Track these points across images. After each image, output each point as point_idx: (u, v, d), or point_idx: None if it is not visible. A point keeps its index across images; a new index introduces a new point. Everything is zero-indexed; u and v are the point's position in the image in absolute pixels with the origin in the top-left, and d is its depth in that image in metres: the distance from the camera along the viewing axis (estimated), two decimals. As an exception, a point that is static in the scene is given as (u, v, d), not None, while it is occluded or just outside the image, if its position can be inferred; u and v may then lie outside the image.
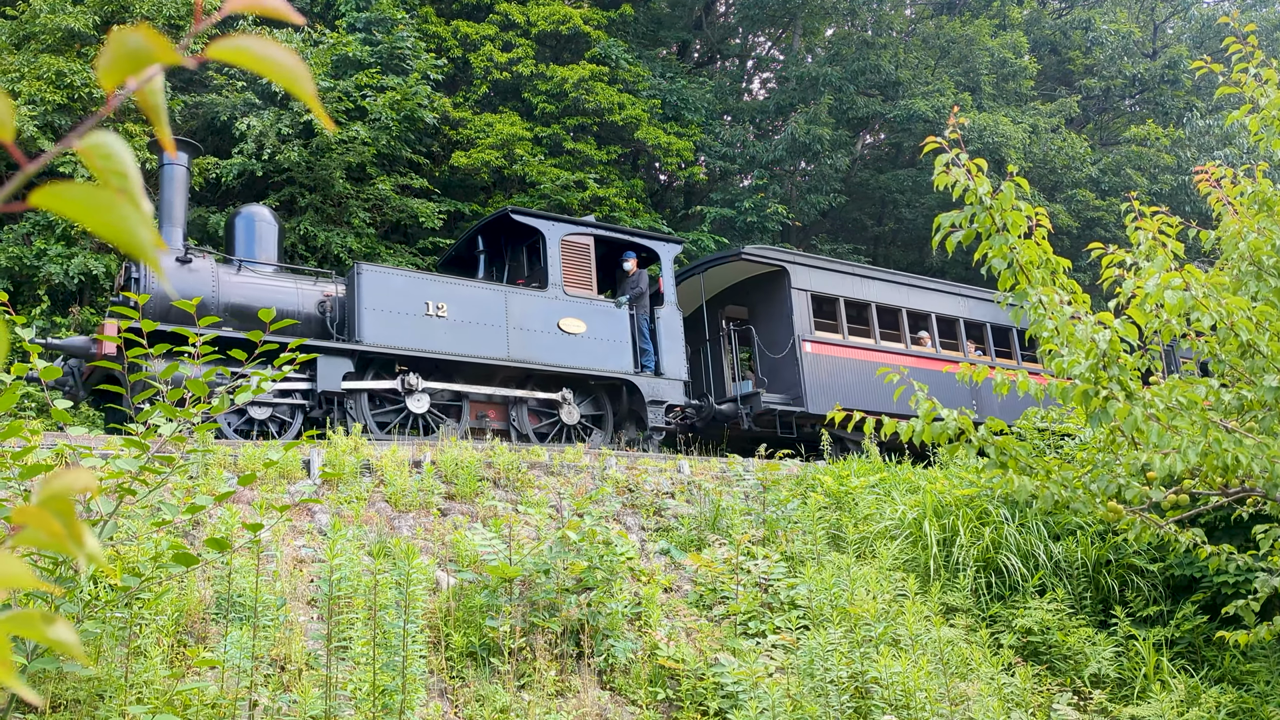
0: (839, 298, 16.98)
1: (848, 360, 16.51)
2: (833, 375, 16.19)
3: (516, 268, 15.10)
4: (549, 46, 25.45)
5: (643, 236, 15.59)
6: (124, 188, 0.65)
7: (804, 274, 16.67)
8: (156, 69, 0.65)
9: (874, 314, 17.32)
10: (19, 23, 18.75)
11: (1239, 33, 6.21)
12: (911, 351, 17.52)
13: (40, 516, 0.66)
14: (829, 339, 16.52)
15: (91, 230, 0.66)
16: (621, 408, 14.40)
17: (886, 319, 18.00)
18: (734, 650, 7.32)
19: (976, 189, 5.11)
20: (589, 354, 13.93)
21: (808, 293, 16.54)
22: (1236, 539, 7.80)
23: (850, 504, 10.20)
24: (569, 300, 14.09)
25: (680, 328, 15.17)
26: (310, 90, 0.70)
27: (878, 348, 17.03)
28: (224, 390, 4.17)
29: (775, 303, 16.76)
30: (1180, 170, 28.40)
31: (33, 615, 0.65)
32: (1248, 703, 7.21)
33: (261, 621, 6.06)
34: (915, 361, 17.28)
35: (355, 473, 8.93)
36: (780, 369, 16.29)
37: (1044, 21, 33.32)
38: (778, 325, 16.62)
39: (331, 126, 0.72)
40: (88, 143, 0.66)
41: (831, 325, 17.04)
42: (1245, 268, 5.71)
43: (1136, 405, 4.79)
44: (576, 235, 14.61)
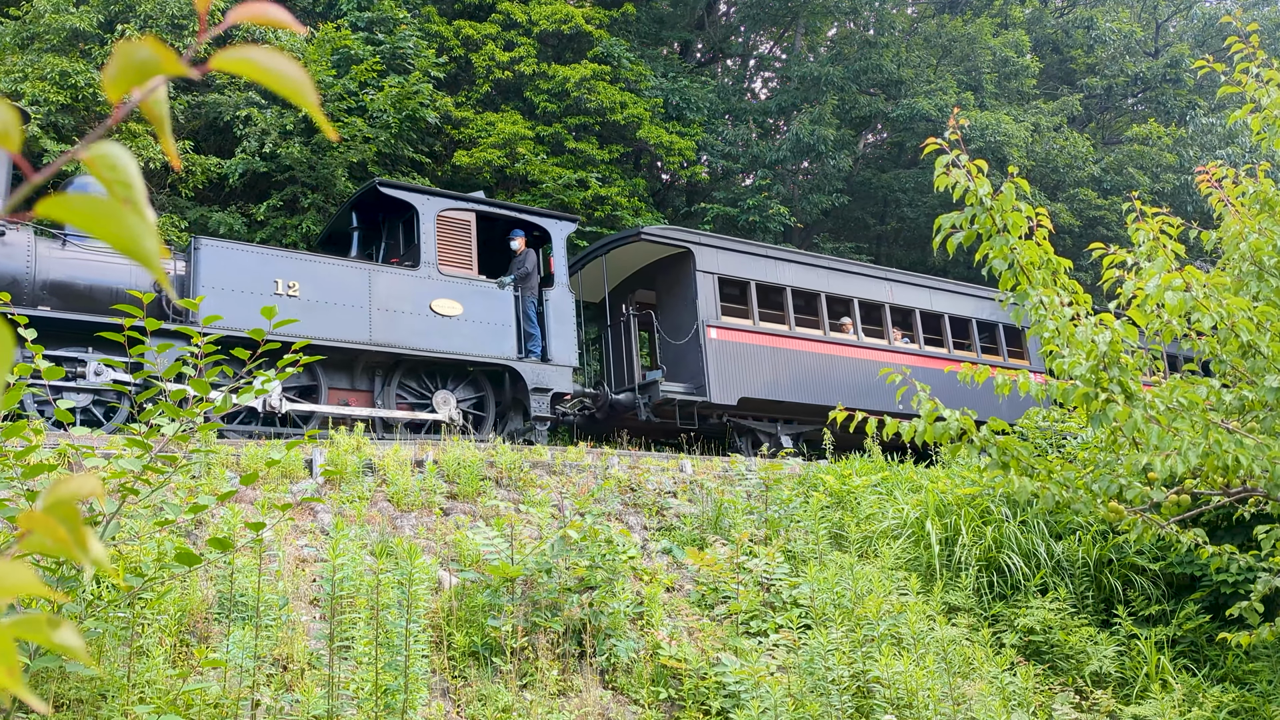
0: (749, 281, 16.14)
1: (758, 348, 15.71)
2: (741, 363, 15.41)
3: (393, 246, 14.16)
4: (551, 46, 25.45)
5: (531, 214, 14.71)
6: (129, 197, 0.66)
7: (710, 255, 15.87)
8: (161, 80, 0.66)
9: (789, 299, 16.49)
10: (22, 23, 18.77)
11: (1241, 32, 6.21)
12: (831, 339, 16.82)
13: (46, 523, 0.67)
14: (737, 325, 15.73)
15: (99, 239, 0.67)
16: (506, 396, 13.65)
17: (803, 304, 17.23)
18: (736, 650, 7.33)
19: (977, 190, 5.11)
20: (465, 338, 13.03)
21: (714, 275, 15.73)
22: (1238, 539, 7.80)
23: (852, 503, 10.20)
24: (444, 280, 13.16)
25: (572, 311, 14.32)
26: (313, 100, 0.71)
27: (792, 334, 16.24)
28: (226, 390, 4.17)
29: (680, 286, 15.99)
30: (1182, 169, 28.38)
31: (38, 619, 0.65)
32: (1250, 702, 7.22)
33: (264, 621, 6.07)
34: (835, 349, 16.65)
35: (357, 472, 8.95)
36: (684, 356, 15.54)
37: (1046, 20, 33.30)
38: (682, 310, 15.83)
39: (333, 134, 0.73)
40: (94, 153, 0.67)
41: (742, 310, 16.23)
42: (1246, 268, 5.71)
43: (1137, 407, 4.79)
44: (455, 211, 13.71)
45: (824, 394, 15.84)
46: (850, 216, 30.39)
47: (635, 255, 16.41)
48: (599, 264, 16.44)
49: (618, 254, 16.33)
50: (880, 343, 17.39)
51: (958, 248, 5.35)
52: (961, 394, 16.92)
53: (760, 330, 15.86)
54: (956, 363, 17.58)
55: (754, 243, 17.37)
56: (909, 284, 18.36)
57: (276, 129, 19.57)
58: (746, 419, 15.55)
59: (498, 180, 22.93)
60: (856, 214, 30.33)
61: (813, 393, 15.89)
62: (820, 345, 16.40)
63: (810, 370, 16.05)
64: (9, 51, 18.35)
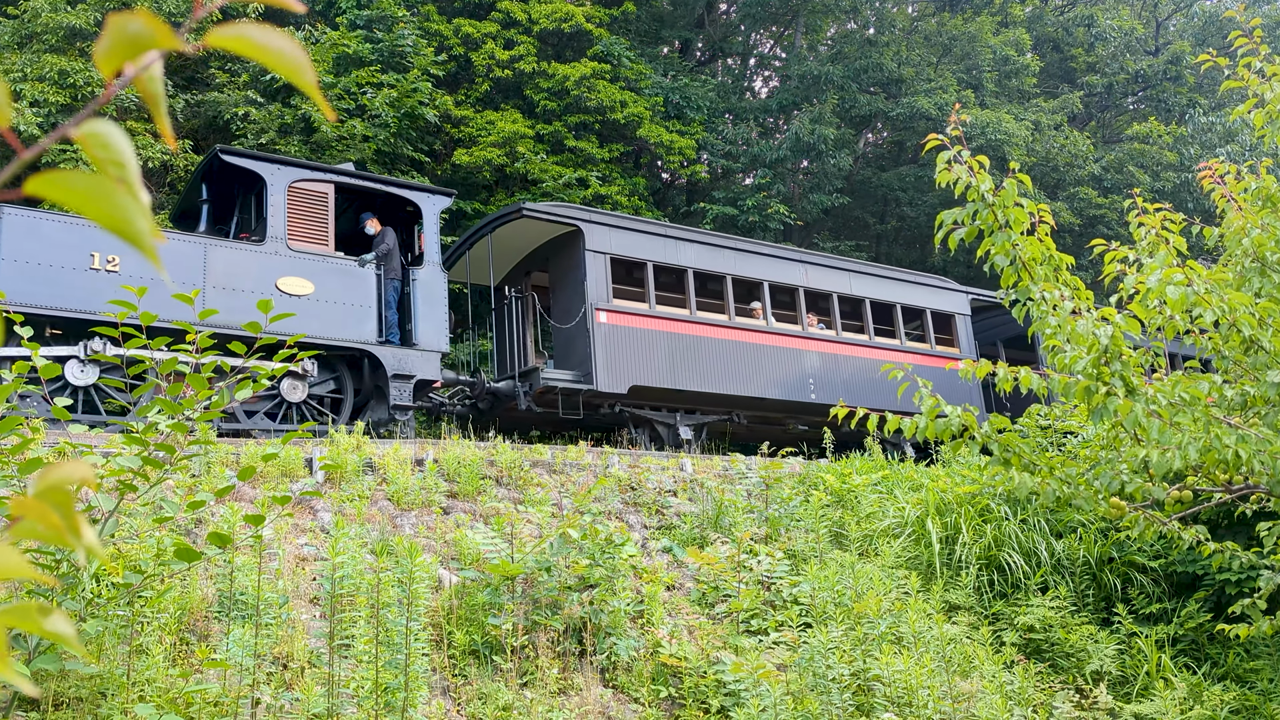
0: (647, 262, 15.13)
1: (654, 333, 14.72)
2: (633, 349, 14.45)
3: (245, 220, 13.04)
4: (551, 44, 25.44)
5: (400, 186, 13.64)
6: (122, 177, 0.65)
7: (601, 234, 14.83)
8: (155, 56, 0.64)
9: (690, 281, 15.48)
10: (20, 22, 18.76)
11: (1245, 28, 6.20)
12: (737, 324, 15.77)
13: (38, 508, 0.65)
14: (631, 308, 14.71)
15: (89, 218, 0.66)
16: (366, 384, 12.66)
17: (707, 287, 16.33)
18: (736, 648, 7.32)
19: (978, 186, 5.10)
20: (317, 319, 11.90)
21: (606, 256, 14.71)
22: (1239, 536, 7.79)
23: (852, 502, 10.20)
24: (293, 256, 12.06)
25: (443, 292, 13.26)
26: (311, 80, 0.70)
27: (693, 319, 15.24)
28: (223, 386, 4.16)
29: (570, 268, 15.02)
30: (1183, 168, 28.37)
31: (29, 607, 0.64)
32: (1251, 700, 7.21)
33: (264, 620, 6.06)
34: (742, 335, 15.71)
35: (357, 471, 8.94)
36: (572, 342, 14.63)
37: (1046, 18, 33.29)
38: (572, 293, 14.88)
39: (331, 115, 0.71)
40: (86, 131, 0.65)
41: (638, 294, 15.29)
42: (1249, 264, 5.70)
43: (1138, 401, 4.78)
44: (310, 182, 12.56)
45: (729, 382, 15.18)
46: (850, 216, 30.38)
47: (527, 235, 15.48)
48: (485, 244, 15.49)
49: (507, 234, 15.38)
50: (793, 329, 16.41)
51: (959, 245, 5.34)
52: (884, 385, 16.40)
53: (657, 314, 14.88)
54: (878, 350, 16.74)
55: (651, 221, 16.24)
56: (826, 267, 17.42)
57: (275, 127, 19.56)
58: (643, 409, 14.70)
59: (498, 179, 22.93)
60: (857, 213, 30.32)
61: (717, 381, 15.09)
62: (725, 331, 15.49)
63: (714, 357, 15.22)
64: (8, 51, 18.34)
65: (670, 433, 14.73)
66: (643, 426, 14.74)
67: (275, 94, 20.53)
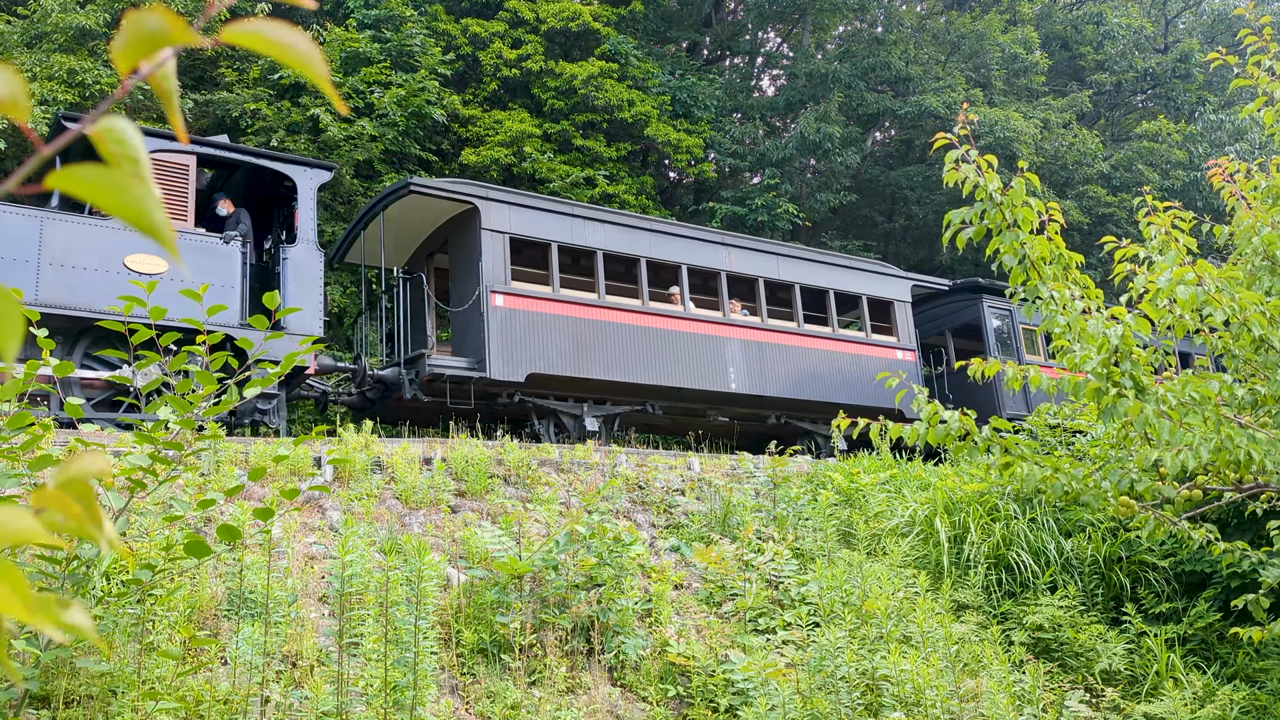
0: (551, 243, 14.21)
1: (557, 318, 13.84)
2: (533, 335, 13.58)
3: None
4: (558, 43, 25.45)
5: (272, 159, 12.66)
6: (136, 172, 0.66)
7: (500, 212, 13.89)
8: (170, 53, 0.65)
9: (600, 264, 14.56)
10: (30, 22, 18.83)
11: (1254, 25, 6.18)
12: (651, 310, 14.83)
13: (59, 499, 0.66)
14: (532, 291, 13.83)
15: (108, 211, 0.66)
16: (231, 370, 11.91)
17: (620, 271, 15.55)
18: (744, 647, 7.32)
19: (987, 185, 5.09)
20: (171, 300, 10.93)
21: (505, 235, 13.80)
22: (1248, 535, 7.77)
23: (860, 501, 10.18)
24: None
25: (318, 273, 12.29)
26: (324, 74, 0.70)
27: (602, 304, 14.33)
28: (232, 383, 4.17)
29: (467, 248, 14.16)
30: (1192, 166, 28.30)
31: (48, 599, 0.64)
32: (1261, 700, 7.18)
33: (273, 618, 6.08)
34: (657, 322, 14.79)
35: (366, 470, 8.95)
36: (467, 327, 13.77)
37: (1055, 16, 33.22)
38: (468, 275, 13.97)
39: (345, 109, 0.71)
40: (101, 126, 0.66)
41: (541, 276, 14.45)
42: (1259, 262, 5.69)
43: (1149, 402, 4.77)
44: (169, 153, 11.56)
45: (642, 371, 14.36)
46: (858, 214, 30.35)
47: (425, 214, 14.58)
48: (378, 224, 14.49)
49: (401, 214, 14.48)
50: (713, 315, 15.50)
51: (967, 244, 5.33)
52: (811, 375, 15.84)
53: (561, 298, 13.99)
54: (807, 338, 16.12)
55: (558, 199, 15.25)
56: (751, 250, 16.47)
57: (283, 126, 19.60)
58: (547, 398, 13.93)
59: (505, 178, 22.95)
60: (865, 212, 30.29)
61: (628, 370, 14.24)
62: (638, 317, 14.58)
63: (625, 345, 14.35)
64: (17, 51, 18.40)
65: (575, 424, 13.99)
66: (546, 418, 14.01)
67: (284, 93, 20.58)
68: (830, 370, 16.25)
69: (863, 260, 18.42)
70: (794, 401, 15.82)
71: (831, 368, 16.30)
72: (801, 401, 15.87)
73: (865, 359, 16.73)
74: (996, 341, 18.44)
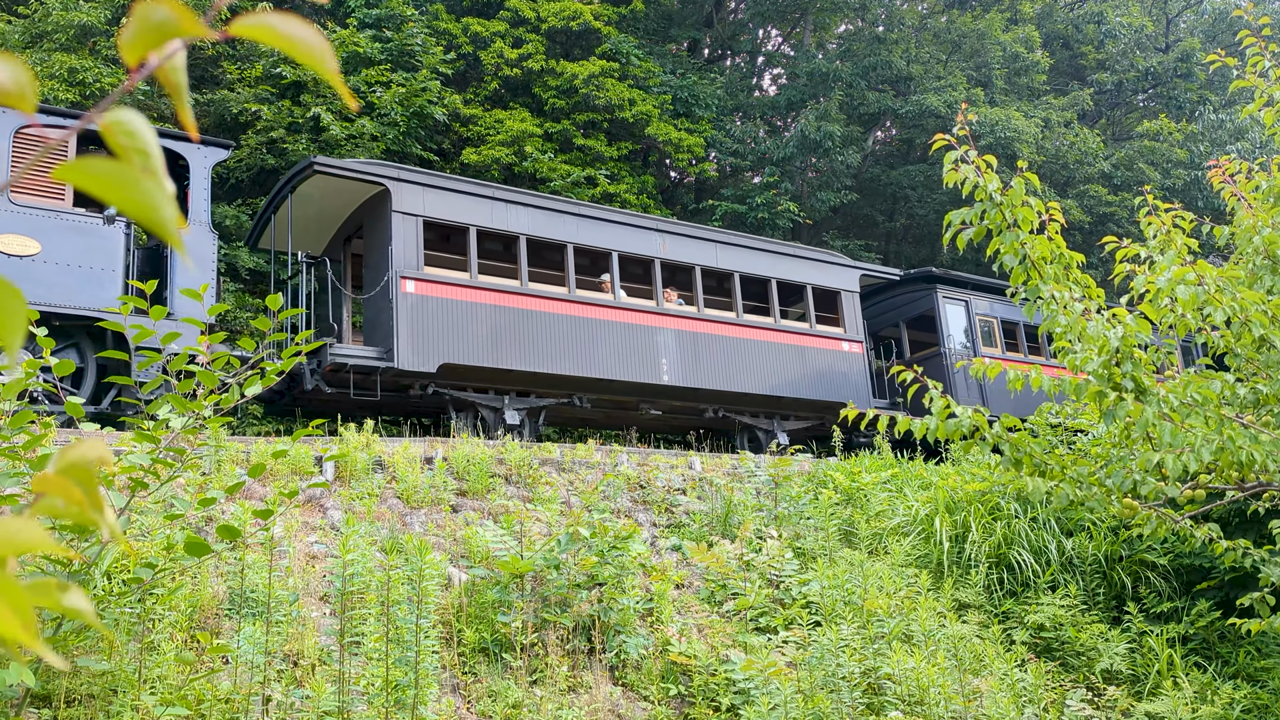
0: (469, 227, 13.58)
1: (475, 305, 13.19)
2: (446, 323, 12.94)
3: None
4: (559, 43, 25.45)
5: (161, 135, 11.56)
6: (146, 166, 0.65)
7: (413, 194, 13.23)
8: (179, 45, 0.64)
9: (523, 249, 13.93)
10: (31, 21, 18.83)
11: (1253, 26, 6.17)
12: (579, 298, 14.17)
13: (61, 484, 0.65)
14: (447, 277, 13.16)
15: (116, 206, 0.66)
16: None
17: (544, 257, 14.90)
18: (746, 646, 7.32)
19: (986, 186, 5.09)
20: (43, 284, 10.44)
21: (418, 219, 13.16)
22: (1251, 533, 7.77)
23: (862, 500, 10.18)
24: (14, 211, 10.52)
25: (212, 256, 11.66)
26: (333, 67, 0.70)
27: (525, 291, 13.69)
28: (234, 381, 4.17)
29: (379, 232, 13.48)
30: (1193, 165, 28.29)
31: (48, 584, 0.64)
32: (1262, 699, 7.18)
33: (274, 617, 6.08)
34: (585, 310, 14.17)
35: (367, 469, 8.95)
36: (379, 315, 13.09)
37: (1056, 15, 33.21)
38: (380, 260, 13.28)
39: (354, 103, 0.71)
40: (110, 119, 0.65)
41: (458, 262, 13.81)
42: (1260, 262, 5.68)
43: (1150, 404, 4.76)
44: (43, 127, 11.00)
45: (569, 362, 13.82)
46: (859, 214, 30.34)
47: (339, 197, 13.89)
48: (286, 207, 13.86)
49: (312, 197, 13.81)
50: (645, 304, 14.87)
51: (968, 244, 5.33)
52: (749, 367, 15.30)
53: (480, 285, 13.33)
54: (746, 329, 15.56)
55: (478, 181, 14.45)
56: (687, 237, 15.77)
57: (284, 124, 19.60)
58: (465, 390, 13.36)
59: (506, 178, 22.95)
60: (866, 211, 30.28)
61: (553, 360, 13.65)
62: (564, 305, 13.98)
63: (550, 334, 13.77)
64: (18, 50, 18.40)
65: (495, 417, 13.38)
66: (465, 411, 13.46)
67: (285, 92, 20.58)
68: (772, 362, 15.70)
69: (809, 249, 17.79)
70: (732, 394, 15.32)
71: (773, 360, 15.78)
72: (740, 394, 15.37)
73: (809, 351, 16.22)
74: (951, 333, 18.00)
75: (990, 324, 18.59)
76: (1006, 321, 18.94)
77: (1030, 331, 19.32)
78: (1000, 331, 18.67)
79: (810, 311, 16.64)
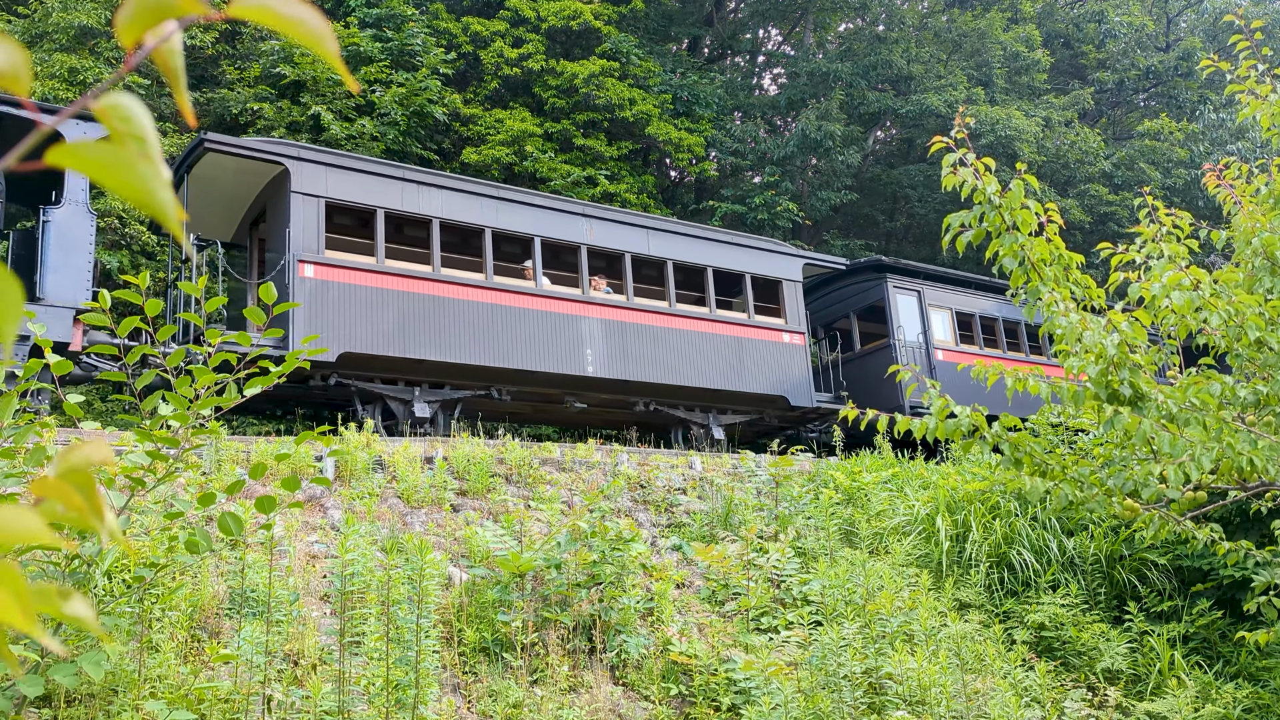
0: (376, 209, 12.91)
1: (381, 292, 12.52)
2: (349, 310, 12.32)
3: None
4: (559, 42, 25.44)
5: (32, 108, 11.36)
6: (143, 151, 0.64)
7: (314, 175, 12.56)
8: (176, 26, 0.63)
9: (435, 233, 13.29)
10: (31, 21, 18.84)
11: (1246, 29, 6.16)
12: (497, 285, 13.55)
13: (60, 488, 0.64)
14: (350, 262, 12.53)
15: (111, 190, 0.65)
16: None
17: (461, 243, 14.33)
18: (747, 646, 7.31)
19: (985, 188, 5.08)
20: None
21: (320, 200, 12.49)
22: (1253, 534, 7.76)
23: (863, 499, 10.17)
24: None
25: (87, 238, 11.02)
26: (333, 49, 0.69)
27: (437, 277, 13.07)
28: (231, 380, 4.16)
29: (279, 214, 12.78)
30: (1193, 165, 28.28)
31: (49, 590, 0.63)
32: (1263, 699, 7.17)
33: (275, 617, 6.07)
34: (505, 298, 13.52)
35: (367, 469, 8.94)
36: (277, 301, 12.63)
37: (1057, 15, 33.21)
38: (280, 243, 12.58)
39: (355, 87, 0.70)
40: (106, 103, 0.64)
41: (365, 245, 13.13)
42: (1259, 263, 5.67)
43: (1147, 413, 4.75)
44: None
45: (486, 353, 13.18)
46: (859, 213, 30.33)
47: (240, 178, 13.20)
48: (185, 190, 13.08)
49: (215, 179, 13.16)
50: (570, 292, 14.26)
51: (968, 246, 5.32)
52: (680, 358, 14.71)
53: (387, 270, 12.70)
54: (679, 319, 14.97)
55: (387, 162, 13.79)
56: (616, 222, 15.11)
57: (284, 123, 19.60)
58: (373, 381, 12.77)
59: (506, 177, 22.95)
60: (866, 211, 30.27)
61: (469, 350, 13.02)
62: (480, 292, 13.36)
63: (466, 323, 13.12)
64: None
65: (405, 410, 12.77)
66: (373, 402, 12.85)
67: (283, 92, 20.58)
68: (707, 354, 15.12)
69: (749, 236, 17.13)
70: (664, 387, 14.73)
71: (709, 351, 15.20)
72: (673, 387, 14.79)
73: (747, 342, 15.66)
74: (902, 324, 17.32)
75: (945, 315, 18.01)
76: (961, 312, 18.32)
77: (987, 323, 18.72)
78: (955, 323, 18.02)
79: (749, 301, 16.09)
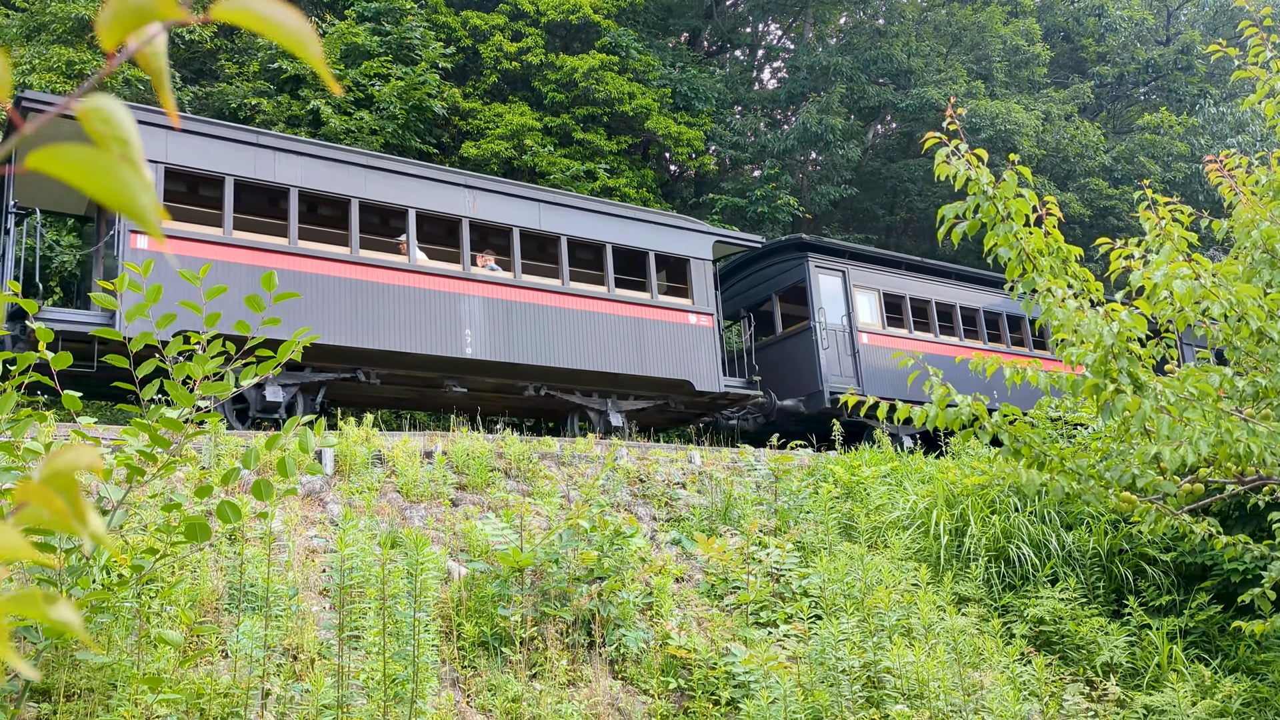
0: (225, 177, 11.96)
1: (228, 265, 11.58)
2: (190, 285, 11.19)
3: None
4: (559, 36, 25.40)
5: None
6: (124, 153, 0.64)
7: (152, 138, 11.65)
8: (159, 28, 0.63)
9: (294, 204, 12.36)
10: (29, 14, 18.81)
11: (1255, 17, 6.15)
12: (364, 259, 12.62)
13: (42, 493, 0.64)
14: (193, 233, 11.60)
15: (91, 194, 0.65)
16: None
17: (325, 214, 13.54)
18: (746, 640, 7.32)
19: (979, 179, 5.08)
20: None
21: (160, 166, 11.55)
22: (1250, 527, 7.77)
23: (862, 494, 10.18)
24: None
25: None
26: (316, 53, 0.68)
27: (294, 250, 12.16)
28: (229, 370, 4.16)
29: None
30: (1194, 158, 28.25)
31: (33, 594, 0.63)
32: (1262, 692, 7.18)
33: (274, 611, 6.07)
34: (368, 273, 12.63)
35: (366, 463, 8.95)
36: (109, 277, 11.22)
37: (1056, 8, 33.14)
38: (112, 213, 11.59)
39: (337, 89, 0.70)
40: (87, 105, 0.64)
41: (213, 217, 12.10)
42: (1259, 255, 5.67)
43: (1147, 397, 4.76)
44: None
45: (351, 332, 12.31)
46: (859, 207, 30.30)
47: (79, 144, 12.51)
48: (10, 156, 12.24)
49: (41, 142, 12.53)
50: (448, 268, 13.37)
51: (965, 238, 5.32)
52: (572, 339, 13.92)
53: (234, 243, 11.80)
54: (572, 298, 14.03)
55: (238, 126, 12.86)
56: (503, 194, 14.21)
57: (283, 118, 19.58)
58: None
59: (505, 172, 22.92)
60: (865, 204, 30.24)
61: (331, 329, 12.12)
62: (344, 267, 12.45)
63: (328, 300, 12.25)
64: (16, 44, 18.38)
65: (257, 396, 11.81)
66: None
67: (283, 86, 20.56)
68: (606, 336, 14.29)
69: (652, 211, 16.24)
70: (557, 370, 13.87)
71: (607, 333, 14.35)
72: (567, 371, 13.94)
73: (649, 324, 14.79)
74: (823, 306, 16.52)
75: (872, 296, 17.22)
76: (890, 294, 17.55)
77: (918, 305, 17.94)
78: (883, 305, 17.27)
79: (652, 281, 15.16)
